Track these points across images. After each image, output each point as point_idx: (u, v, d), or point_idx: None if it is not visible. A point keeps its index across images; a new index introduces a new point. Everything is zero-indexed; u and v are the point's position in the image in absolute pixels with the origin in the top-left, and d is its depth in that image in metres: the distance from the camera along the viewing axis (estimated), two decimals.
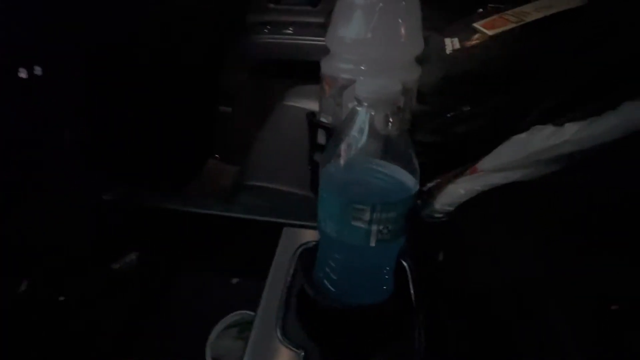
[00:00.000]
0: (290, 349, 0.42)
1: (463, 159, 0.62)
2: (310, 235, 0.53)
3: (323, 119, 0.52)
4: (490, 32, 0.67)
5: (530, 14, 0.68)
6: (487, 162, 0.63)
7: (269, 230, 0.62)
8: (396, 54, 0.49)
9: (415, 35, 0.50)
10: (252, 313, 0.69)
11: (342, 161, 0.38)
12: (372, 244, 0.38)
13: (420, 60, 0.60)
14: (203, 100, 1.33)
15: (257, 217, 0.63)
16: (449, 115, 0.67)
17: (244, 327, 0.73)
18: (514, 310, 0.39)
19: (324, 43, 1.49)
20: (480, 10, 0.74)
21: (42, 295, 0.66)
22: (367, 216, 0.37)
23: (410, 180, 0.38)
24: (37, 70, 0.57)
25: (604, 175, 0.59)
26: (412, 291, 0.45)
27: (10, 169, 0.57)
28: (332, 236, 0.39)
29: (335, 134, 0.40)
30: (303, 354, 0.41)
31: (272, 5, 1.50)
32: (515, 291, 0.40)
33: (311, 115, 0.56)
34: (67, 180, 0.66)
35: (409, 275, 0.47)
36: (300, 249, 0.51)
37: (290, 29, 1.38)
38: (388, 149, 0.37)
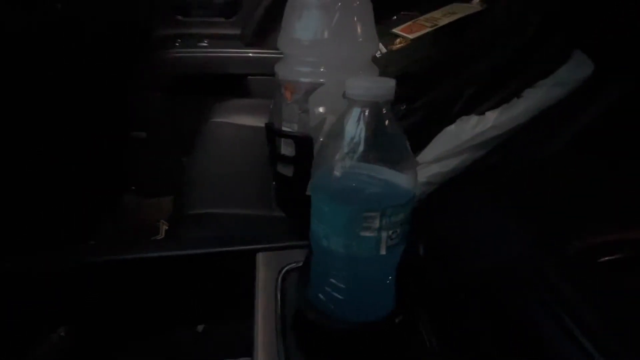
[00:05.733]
0: None
1: None
2: (288, 256, 0.48)
3: (286, 128, 0.48)
4: (411, 36, 0.71)
5: (441, 19, 0.75)
6: (425, 155, 0.67)
7: (228, 262, 0.56)
8: (355, 53, 0.48)
9: (371, 34, 0.49)
10: None
11: (339, 168, 0.35)
12: (383, 252, 0.36)
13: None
14: (109, 127, 1.16)
15: (211, 250, 0.56)
16: None
17: None
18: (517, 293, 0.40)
19: (243, 55, 1.43)
20: (395, 17, 0.78)
21: None
22: (376, 223, 0.35)
23: (410, 179, 0.37)
24: None
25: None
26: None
27: None
28: (339, 252, 0.36)
29: (324, 140, 0.37)
30: None
31: (180, 18, 1.43)
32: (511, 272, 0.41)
33: (270, 125, 0.51)
34: None
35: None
36: (282, 273, 0.46)
37: (205, 41, 1.32)
38: (385, 148, 0.36)
